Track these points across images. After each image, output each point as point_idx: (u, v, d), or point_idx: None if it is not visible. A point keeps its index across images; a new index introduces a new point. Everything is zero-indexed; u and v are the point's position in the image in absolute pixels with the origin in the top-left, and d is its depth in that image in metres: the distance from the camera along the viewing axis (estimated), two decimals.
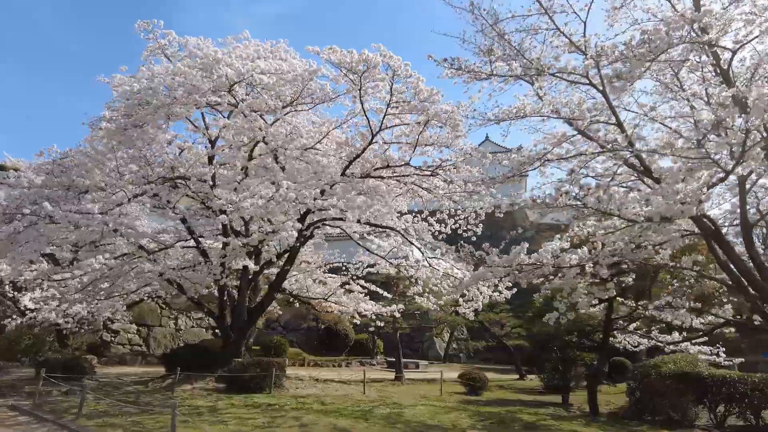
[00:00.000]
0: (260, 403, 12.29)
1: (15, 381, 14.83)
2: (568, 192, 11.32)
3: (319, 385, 16.61)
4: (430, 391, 17.59)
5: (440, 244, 14.56)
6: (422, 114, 11.43)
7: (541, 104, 11.56)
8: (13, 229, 10.64)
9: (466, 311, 15.05)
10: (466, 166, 12.65)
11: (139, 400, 12.37)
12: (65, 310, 19.93)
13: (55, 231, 10.97)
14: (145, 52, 14.05)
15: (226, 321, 17.13)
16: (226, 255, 15.13)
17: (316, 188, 11.20)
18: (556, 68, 9.69)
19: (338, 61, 10.26)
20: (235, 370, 14.86)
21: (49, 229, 10.95)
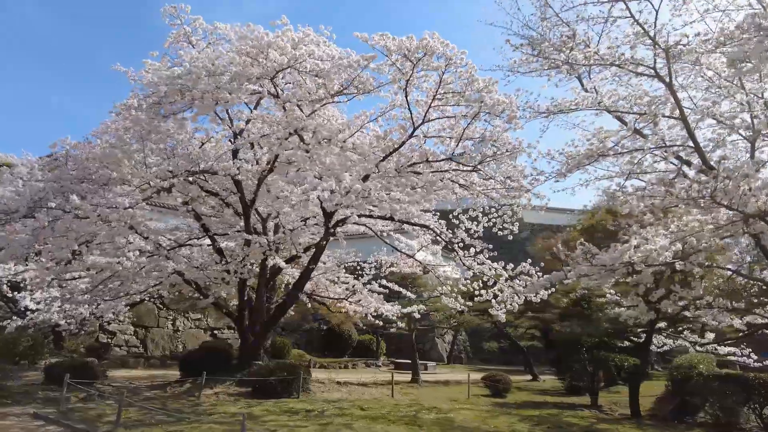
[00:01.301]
0: (297, 409, 11.67)
1: (25, 386, 13.93)
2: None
3: (342, 389, 16.03)
4: (454, 394, 17.15)
5: (476, 242, 14.09)
6: (473, 105, 10.94)
7: (594, 97, 11.21)
8: (39, 224, 9.86)
9: (498, 313, 14.58)
10: (510, 161, 12.22)
11: (167, 406, 11.65)
12: (67, 311, 19.10)
13: (84, 226, 10.22)
14: (169, 39, 13.36)
15: (244, 322, 16.44)
16: (248, 254, 14.55)
17: (348, 183, 10.58)
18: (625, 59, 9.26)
19: (396, 48, 9.72)
20: (260, 373, 14.21)
21: (78, 224, 10.19)
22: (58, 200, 10.70)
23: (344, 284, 19.55)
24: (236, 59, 9.71)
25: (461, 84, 10.92)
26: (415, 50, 9.73)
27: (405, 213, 13.66)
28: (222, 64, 9.62)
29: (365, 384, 17.80)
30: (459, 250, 14.49)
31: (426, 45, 9.58)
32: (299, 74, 10.41)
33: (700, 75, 9.99)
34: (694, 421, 12.77)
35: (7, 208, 11.17)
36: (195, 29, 13.45)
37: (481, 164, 12.30)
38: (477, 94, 10.12)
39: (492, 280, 14.39)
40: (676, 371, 13.47)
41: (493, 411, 12.91)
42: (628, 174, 11.03)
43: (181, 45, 13.62)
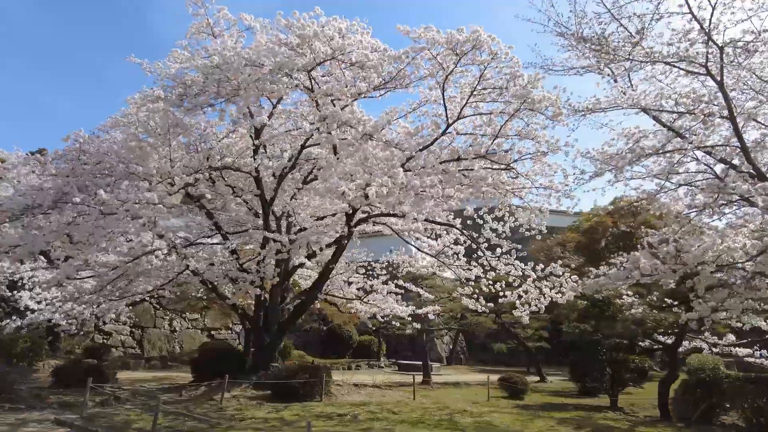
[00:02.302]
0: (327, 413, 11.30)
1: (34, 389, 13.32)
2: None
3: (361, 391, 15.68)
4: (471, 395, 16.92)
5: (503, 242, 13.84)
6: (513, 101, 10.67)
7: (633, 96, 11.03)
8: (65, 220, 9.33)
9: (522, 314, 14.37)
10: (544, 159, 11.98)
11: (192, 411, 11.18)
12: (68, 310, 18.48)
13: (112, 222, 9.71)
14: (191, 29, 12.87)
15: (260, 324, 15.97)
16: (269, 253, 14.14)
17: (373, 182, 10.21)
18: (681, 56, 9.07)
19: (445, 40, 9.40)
20: (281, 376, 13.78)
21: (107, 221, 9.68)
22: (82, 195, 10.17)
23: (357, 284, 19.20)
24: (276, 49, 9.30)
25: (503, 79, 10.65)
26: (464, 43, 9.43)
27: (431, 212, 13.40)
28: (261, 54, 9.18)
29: (379, 386, 17.48)
30: (484, 250, 14.23)
31: (476, 38, 9.28)
32: (339, 66, 10.03)
33: (753, 74, 9.85)
34: (723, 424, 12.69)
35: (25, 203, 10.58)
36: (217, 20, 12.99)
37: (515, 162, 12.04)
38: (522, 90, 9.84)
39: (517, 281, 14.17)
40: (702, 373, 13.36)
41: (523, 413, 12.67)
42: (667, 174, 10.87)
43: (201, 36, 13.18)
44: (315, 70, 10.01)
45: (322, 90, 9.69)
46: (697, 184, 12.45)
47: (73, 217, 9.55)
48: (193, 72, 10.21)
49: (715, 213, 10.51)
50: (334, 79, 10.44)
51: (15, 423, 9.62)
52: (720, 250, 8.82)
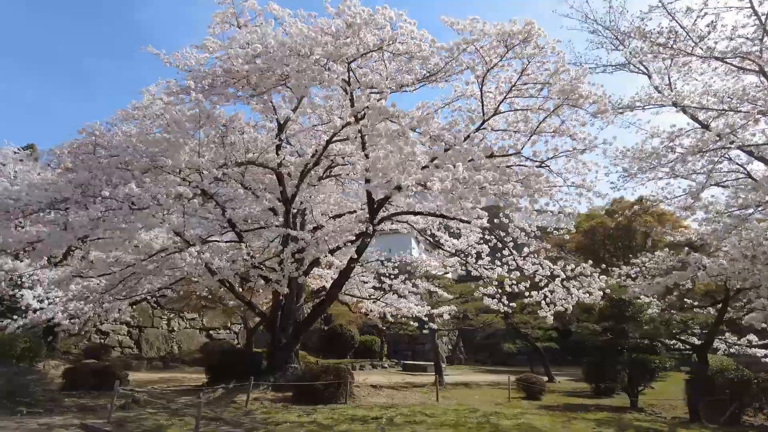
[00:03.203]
0: (360, 416, 10.95)
1: (48, 392, 12.74)
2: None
3: (381, 392, 15.37)
4: (490, 396, 16.71)
5: (531, 241, 13.62)
6: (553, 97, 10.45)
7: (671, 94, 10.87)
8: (92, 216, 8.82)
9: (547, 314, 14.16)
10: (581, 158, 11.77)
11: (221, 416, 10.76)
12: (71, 310, 17.89)
13: (146, 218, 9.24)
14: (215, 19, 12.45)
15: (277, 324, 15.55)
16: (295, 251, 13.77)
17: (401, 179, 9.89)
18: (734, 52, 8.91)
19: (496, 32, 9.12)
20: (305, 377, 13.41)
21: (140, 216, 9.20)
22: (107, 189, 9.66)
23: (369, 283, 18.88)
24: (318, 39, 8.93)
25: (544, 74, 10.41)
26: (515, 35, 9.16)
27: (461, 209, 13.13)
28: (305, 44, 8.79)
29: (395, 387, 17.19)
30: (511, 250, 14.00)
31: (528, 31, 9.02)
32: (381, 57, 9.66)
33: None
34: (752, 425, 12.64)
35: (49, 197, 10.03)
36: (241, 10, 12.57)
37: (550, 159, 11.80)
38: (570, 85, 9.60)
39: (544, 281, 13.95)
40: (729, 374, 13.31)
41: (557, 415, 12.47)
42: (709, 174, 10.73)
43: (225, 27, 12.75)
44: (355, 61, 9.66)
45: (364, 81, 9.34)
46: (727, 183, 12.41)
47: (101, 212, 9.07)
48: (211, 62, 9.82)
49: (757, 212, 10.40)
50: (369, 70, 10.07)
51: (39, 429, 9.12)
52: None
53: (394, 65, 9.88)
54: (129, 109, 14.72)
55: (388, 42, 8.93)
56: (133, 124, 14.77)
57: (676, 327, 14.19)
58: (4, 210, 11.27)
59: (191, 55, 13.63)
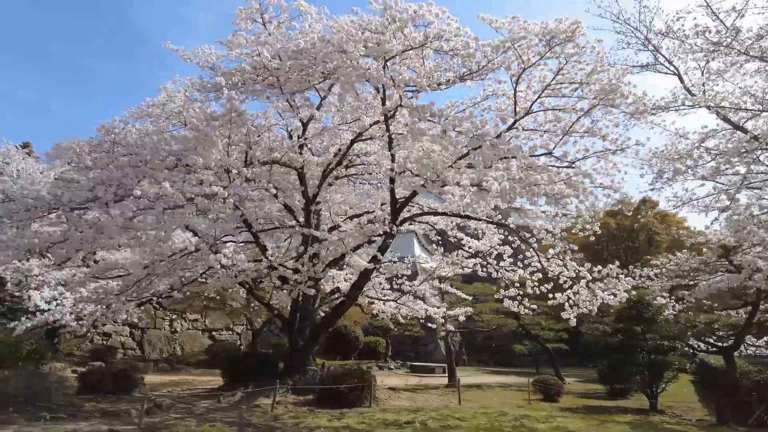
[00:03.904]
0: (391, 420, 10.77)
1: (67, 397, 12.40)
2: None
3: (401, 395, 15.17)
4: (508, 398, 16.61)
5: (558, 242, 13.50)
6: (588, 97, 10.33)
7: (705, 96, 10.80)
8: (126, 215, 8.55)
9: (570, 316, 14.05)
10: (612, 159, 11.65)
11: (251, 421, 10.51)
12: (79, 311, 17.52)
13: (180, 218, 8.97)
14: (240, 15, 12.16)
15: (295, 326, 15.31)
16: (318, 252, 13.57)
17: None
18: None
19: (540, 31, 8.98)
20: (328, 380, 13.20)
21: (174, 216, 8.93)
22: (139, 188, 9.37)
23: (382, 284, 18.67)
24: (359, 35, 8.72)
25: (580, 74, 10.28)
26: (558, 34, 9.02)
27: (487, 209, 13.03)
28: (344, 40, 8.56)
29: (413, 389, 17.05)
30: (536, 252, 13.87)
31: (574, 30, 8.89)
32: (420, 54, 9.47)
33: None
34: None
35: (86, 194, 9.67)
36: (266, 6, 12.32)
37: (580, 160, 11.67)
38: (610, 85, 9.48)
39: (569, 282, 13.84)
40: (755, 376, 13.31)
41: (586, 417, 12.38)
42: (745, 176, 10.66)
43: (247, 23, 12.49)
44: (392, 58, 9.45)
45: (402, 78, 9.14)
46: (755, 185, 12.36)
47: (134, 210, 8.80)
48: (229, 59, 9.58)
49: None
50: (403, 68, 9.85)
51: None
52: None
53: (430, 63, 9.71)
54: (144, 107, 14.44)
55: (432, 39, 8.76)
56: (147, 122, 14.49)
57: (701, 329, 14.14)
58: (25, 209, 10.98)
59: (211, 53, 13.39)
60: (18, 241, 9.68)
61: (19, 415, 10.14)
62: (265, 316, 27.00)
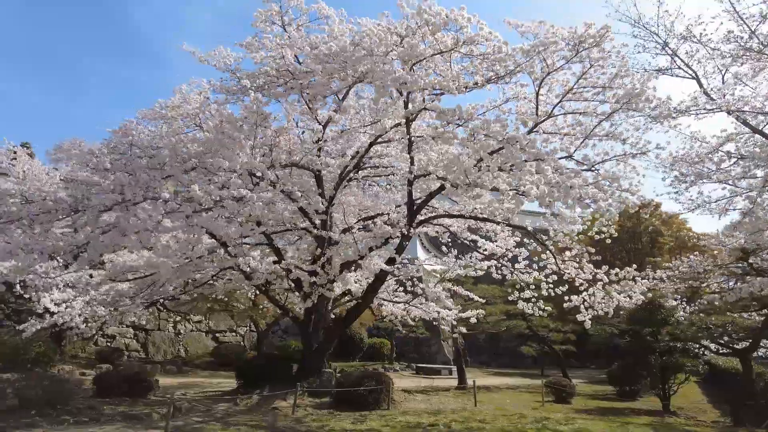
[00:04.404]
0: (415, 423, 10.77)
1: (84, 400, 12.32)
2: None
3: (417, 397, 15.23)
4: (522, 400, 16.66)
5: (575, 245, 13.57)
6: (610, 101, 10.39)
7: (725, 100, 10.89)
8: (157, 219, 8.52)
9: (585, 318, 14.11)
10: (632, 162, 11.70)
11: (275, 425, 10.50)
12: (88, 312, 17.47)
13: (209, 221, 8.92)
14: (259, 18, 12.10)
15: (309, 328, 15.29)
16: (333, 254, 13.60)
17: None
18: None
19: (568, 35, 9.02)
20: (346, 383, 13.20)
21: (204, 219, 8.90)
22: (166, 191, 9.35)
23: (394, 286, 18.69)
24: (388, 39, 8.72)
25: (603, 78, 10.34)
26: (587, 39, 9.07)
27: (506, 212, 13.06)
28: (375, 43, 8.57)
29: (425, 391, 17.08)
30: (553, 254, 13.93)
31: (602, 35, 8.93)
32: (448, 58, 9.49)
33: None
34: None
35: (115, 197, 9.58)
36: (286, 9, 12.31)
37: (599, 163, 11.73)
38: (636, 90, 9.53)
39: (584, 284, 13.90)
40: None
41: (606, 419, 12.42)
42: (766, 180, 10.74)
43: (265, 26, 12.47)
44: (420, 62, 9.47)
45: (428, 82, 9.15)
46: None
47: (163, 213, 8.76)
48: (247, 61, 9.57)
49: None
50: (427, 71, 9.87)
51: None
52: None
53: (456, 67, 9.73)
54: (156, 108, 14.36)
55: (464, 43, 8.78)
56: (156, 125, 14.42)
57: (716, 331, 14.24)
58: (46, 211, 10.92)
59: (228, 55, 13.35)
60: (42, 244, 9.63)
61: (41, 419, 10.08)
62: (270, 319, 26.98)
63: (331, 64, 8.52)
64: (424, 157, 12.50)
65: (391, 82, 8.11)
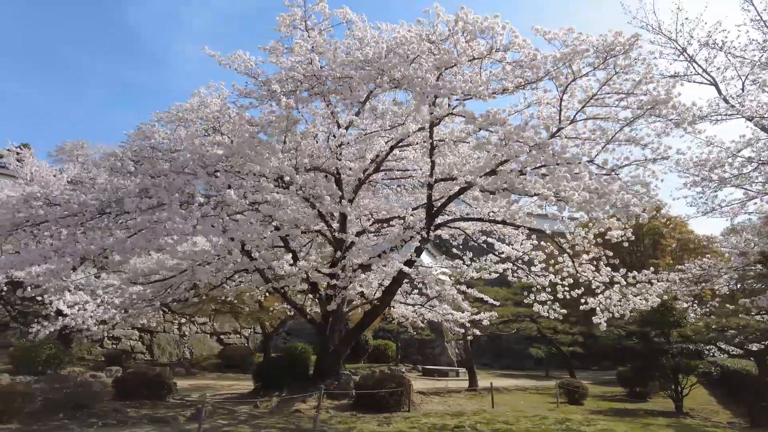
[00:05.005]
0: (440, 425, 10.87)
1: (107, 402, 12.31)
2: None
3: (433, 399, 15.33)
4: (535, 401, 16.79)
5: (592, 248, 13.71)
6: (633, 107, 10.55)
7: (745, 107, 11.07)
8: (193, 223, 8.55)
9: (601, 321, 14.27)
10: (651, 167, 11.86)
11: (302, 427, 10.56)
12: (100, 314, 17.46)
13: (245, 225, 8.95)
14: (283, 22, 12.16)
15: (327, 330, 15.35)
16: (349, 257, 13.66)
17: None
18: None
19: (599, 43, 9.15)
20: (366, 385, 13.27)
21: (239, 223, 8.94)
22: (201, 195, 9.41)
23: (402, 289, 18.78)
24: (421, 46, 8.82)
25: (628, 83, 10.49)
26: (616, 47, 9.22)
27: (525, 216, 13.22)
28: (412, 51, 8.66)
29: (440, 393, 17.19)
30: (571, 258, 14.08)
31: (632, 43, 9.08)
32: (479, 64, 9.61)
33: None
34: None
35: (150, 201, 9.58)
36: (308, 13, 12.39)
37: (620, 168, 11.88)
38: (663, 96, 9.68)
39: (601, 287, 14.04)
40: None
41: (628, 422, 12.56)
42: None
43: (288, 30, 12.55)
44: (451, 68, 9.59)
45: (464, 88, 9.26)
46: None
47: (198, 217, 8.79)
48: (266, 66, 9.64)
49: None
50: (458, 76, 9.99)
51: None
52: None
53: (486, 72, 9.84)
54: (173, 111, 14.39)
55: (497, 50, 8.91)
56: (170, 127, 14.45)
57: (731, 334, 14.44)
58: (73, 214, 10.94)
59: (249, 59, 13.40)
60: (73, 248, 9.63)
61: (69, 422, 10.10)
62: (276, 321, 27.00)
63: (367, 70, 8.61)
64: (441, 160, 12.66)
65: (431, 89, 8.21)
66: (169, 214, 8.73)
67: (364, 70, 8.66)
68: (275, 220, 9.89)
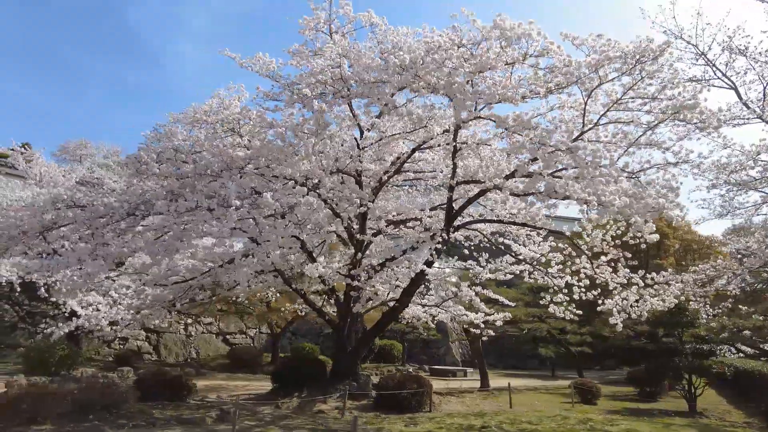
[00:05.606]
0: (466, 425, 10.97)
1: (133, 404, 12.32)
2: None
3: (451, 399, 15.43)
4: (550, 401, 16.93)
5: (611, 249, 13.85)
6: (656, 112, 10.69)
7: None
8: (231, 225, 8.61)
9: (617, 322, 14.41)
10: (671, 170, 12.01)
11: (329, 427, 10.64)
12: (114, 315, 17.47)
13: (282, 227, 9.00)
14: (308, 26, 12.26)
15: (344, 331, 15.43)
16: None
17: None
18: None
19: (631, 50, 9.28)
20: (388, 386, 13.37)
21: (276, 226, 9.00)
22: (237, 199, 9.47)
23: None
24: (456, 51, 8.90)
25: (652, 88, 10.62)
26: (648, 53, 9.34)
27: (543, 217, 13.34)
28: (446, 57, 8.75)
29: (454, 393, 17.31)
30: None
31: (663, 49, 9.20)
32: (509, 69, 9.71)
33: None
34: None
35: (187, 204, 9.61)
36: (330, 17, 12.48)
37: (640, 172, 12.02)
38: (691, 102, 9.82)
39: (618, 288, 14.18)
40: None
41: (649, 422, 12.70)
42: None
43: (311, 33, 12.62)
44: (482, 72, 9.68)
45: (489, 92, 9.36)
46: None
47: (236, 220, 8.85)
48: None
49: None
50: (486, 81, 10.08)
51: None
52: None
53: (515, 77, 9.95)
54: (189, 112, 14.40)
55: (532, 55, 9.02)
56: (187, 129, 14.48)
57: (746, 334, 14.64)
58: (99, 216, 10.97)
59: (270, 61, 13.44)
60: (105, 250, 9.68)
61: (101, 423, 10.13)
62: (284, 322, 27.07)
63: (404, 75, 8.69)
64: (462, 162, 12.78)
65: (471, 96, 8.31)
66: (201, 217, 8.77)
67: (401, 76, 8.73)
68: (309, 222, 9.96)
